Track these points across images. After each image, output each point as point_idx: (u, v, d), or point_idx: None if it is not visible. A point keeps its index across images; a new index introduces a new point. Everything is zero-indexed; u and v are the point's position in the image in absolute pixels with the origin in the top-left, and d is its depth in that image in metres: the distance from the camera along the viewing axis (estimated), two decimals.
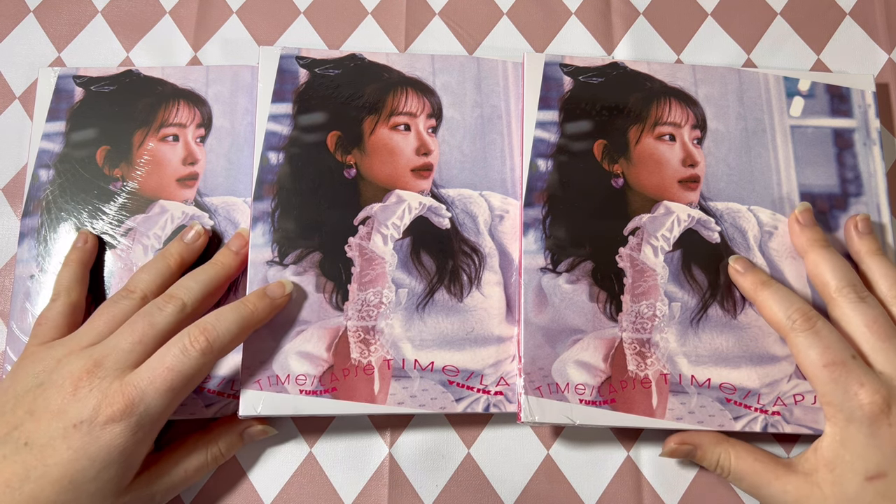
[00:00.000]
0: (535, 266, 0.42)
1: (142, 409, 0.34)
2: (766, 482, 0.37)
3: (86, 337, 0.36)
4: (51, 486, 0.32)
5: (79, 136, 0.44)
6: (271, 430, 0.41)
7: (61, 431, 0.33)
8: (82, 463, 0.33)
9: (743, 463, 0.38)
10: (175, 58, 0.48)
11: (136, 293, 0.38)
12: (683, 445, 0.39)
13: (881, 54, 0.50)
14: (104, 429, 0.33)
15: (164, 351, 0.35)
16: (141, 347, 0.35)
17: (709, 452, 0.39)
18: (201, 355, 0.35)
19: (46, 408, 0.34)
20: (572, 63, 0.45)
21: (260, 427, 0.41)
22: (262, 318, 0.39)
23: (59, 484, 0.32)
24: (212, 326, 0.36)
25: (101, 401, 0.33)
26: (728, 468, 0.38)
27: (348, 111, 0.44)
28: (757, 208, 0.43)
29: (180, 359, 0.35)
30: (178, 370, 0.35)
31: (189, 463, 0.39)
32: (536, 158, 0.43)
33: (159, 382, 0.34)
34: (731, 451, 0.38)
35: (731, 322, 0.41)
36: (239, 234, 0.42)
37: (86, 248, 0.41)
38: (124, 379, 0.34)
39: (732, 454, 0.38)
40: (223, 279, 0.40)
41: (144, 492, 0.36)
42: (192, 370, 0.35)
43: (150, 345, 0.36)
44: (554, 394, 0.40)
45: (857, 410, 0.35)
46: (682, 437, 0.39)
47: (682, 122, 0.44)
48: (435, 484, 0.41)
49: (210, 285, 0.39)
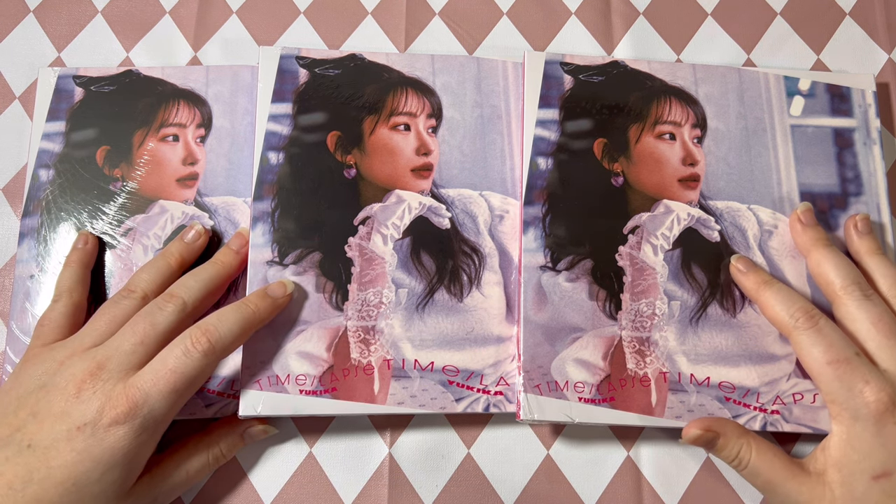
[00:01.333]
0: (534, 264, 0.41)
1: (145, 411, 0.34)
2: (782, 480, 0.36)
3: (88, 338, 0.36)
4: (54, 489, 0.32)
5: (79, 136, 0.44)
6: (272, 430, 0.41)
7: (65, 434, 0.33)
8: (86, 465, 0.33)
9: (762, 459, 0.37)
10: (175, 58, 0.48)
11: (136, 293, 0.38)
12: (708, 433, 0.37)
13: (881, 54, 0.50)
14: (108, 431, 0.33)
15: (167, 353, 0.35)
16: (143, 349, 0.35)
17: (731, 442, 0.37)
18: (203, 356, 0.35)
19: (49, 410, 0.34)
20: (573, 62, 0.45)
21: (261, 427, 0.41)
22: (264, 318, 0.38)
23: (62, 486, 0.32)
24: (214, 327, 0.36)
25: (104, 403, 0.33)
26: (747, 462, 0.37)
27: (348, 111, 0.44)
28: (757, 207, 0.43)
29: (183, 360, 0.35)
30: (181, 372, 0.35)
31: (191, 464, 0.39)
32: (537, 157, 0.43)
33: (162, 384, 0.34)
34: (752, 445, 0.37)
35: (730, 321, 0.41)
36: (239, 233, 0.42)
37: (86, 249, 0.41)
38: (127, 381, 0.34)
39: (754, 448, 0.37)
40: (224, 278, 0.40)
41: (147, 494, 0.36)
42: (194, 371, 0.35)
43: (151, 345, 0.36)
44: (553, 392, 0.40)
45: (863, 408, 0.35)
46: (706, 424, 0.37)
47: (683, 121, 0.44)
48: (435, 484, 0.41)
49: (211, 284, 0.39)
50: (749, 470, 0.37)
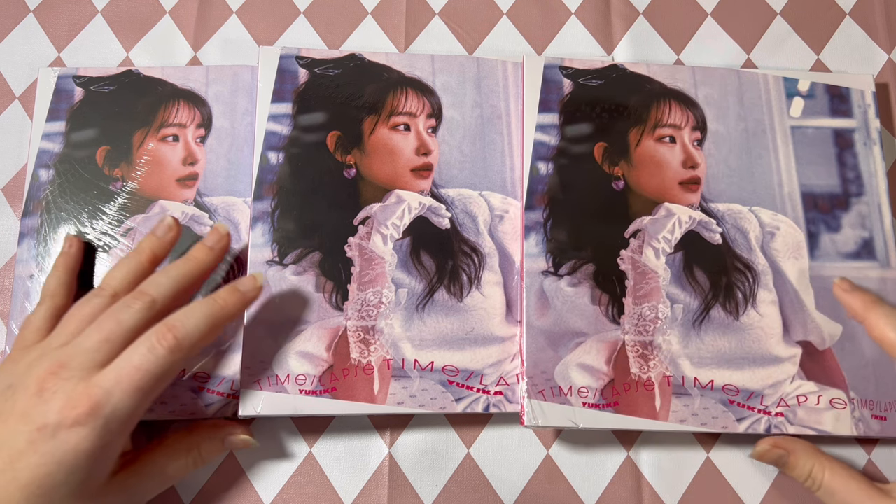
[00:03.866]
0: (536, 269, 0.41)
1: (108, 410, 0.32)
2: (858, 501, 0.36)
3: (57, 339, 0.35)
4: (19, 491, 0.31)
5: (79, 136, 0.44)
6: (254, 443, 0.40)
7: (27, 435, 0.32)
8: (49, 468, 0.31)
9: (838, 479, 0.37)
10: (175, 58, 0.48)
11: (106, 291, 0.37)
12: (777, 449, 0.39)
13: (881, 54, 0.50)
14: (70, 432, 0.32)
15: (132, 350, 0.34)
16: (108, 346, 0.34)
17: (801, 461, 0.38)
18: (169, 353, 0.34)
19: (13, 410, 0.32)
20: (572, 65, 0.45)
21: (242, 437, 0.40)
22: (233, 313, 0.37)
23: (27, 489, 0.31)
24: (180, 324, 0.34)
25: (65, 403, 0.32)
26: (820, 482, 0.37)
27: (348, 111, 0.44)
28: (758, 209, 0.43)
29: (148, 357, 0.33)
30: (146, 369, 0.33)
31: (169, 466, 0.38)
32: (537, 161, 0.43)
33: (126, 382, 0.33)
34: (825, 465, 0.38)
35: (733, 324, 0.41)
36: (215, 229, 0.40)
37: (71, 253, 0.41)
38: (90, 380, 0.33)
39: (827, 468, 0.37)
40: (196, 275, 0.39)
41: (122, 492, 0.35)
42: (160, 369, 0.33)
43: (117, 343, 0.34)
44: (557, 397, 0.40)
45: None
46: (777, 441, 0.39)
47: (683, 124, 0.44)
48: (435, 484, 0.41)
49: (182, 281, 0.38)
50: (823, 490, 0.37)
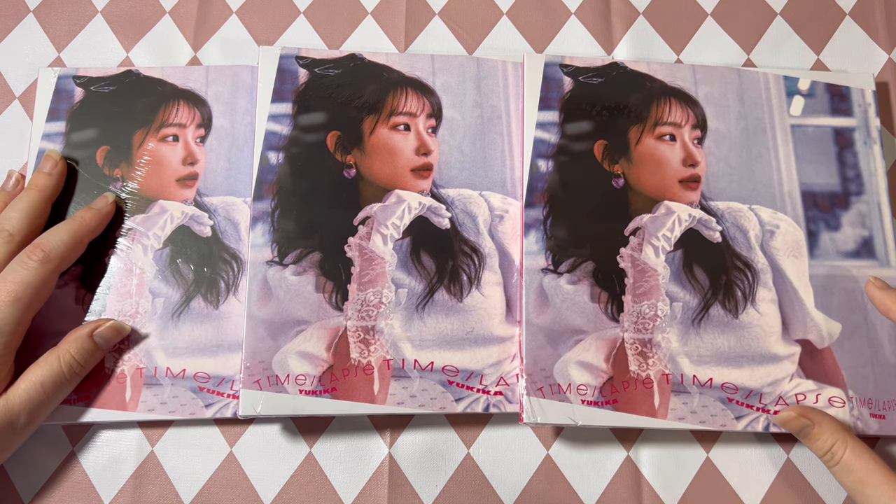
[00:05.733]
0: (536, 267, 0.41)
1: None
2: (876, 483, 0.36)
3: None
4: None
5: (79, 136, 0.44)
6: (124, 326, 0.41)
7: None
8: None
9: (858, 458, 0.37)
10: (175, 58, 0.48)
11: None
12: (802, 419, 0.39)
13: (881, 54, 0.50)
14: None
15: (6, 271, 0.38)
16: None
17: (825, 434, 0.38)
18: (40, 264, 0.38)
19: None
20: (572, 63, 0.45)
21: (108, 326, 0.40)
22: (92, 227, 0.41)
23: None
24: (46, 240, 0.39)
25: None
26: (840, 457, 0.37)
27: (348, 111, 0.44)
28: (758, 207, 0.43)
29: (20, 272, 0.38)
30: (20, 281, 0.38)
31: (43, 374, 0.38)
32: (537, 159, 0.43)
33: (3, 295, 0.37)
34: (848, 442, 0.38)
35: (732, 322, 0.41)
36: (48, 155, 0.43)
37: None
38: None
39: (850, 445, 0.37)
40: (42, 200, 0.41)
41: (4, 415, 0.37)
42: (34, 279, 0.38)
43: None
44: (556, 394, 0.40)
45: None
46: (803, 411, 0.39)
47: (683, 122, 0.44)
48: (435, 484, 0.41)
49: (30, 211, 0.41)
50: (841, 466, 0.37)
